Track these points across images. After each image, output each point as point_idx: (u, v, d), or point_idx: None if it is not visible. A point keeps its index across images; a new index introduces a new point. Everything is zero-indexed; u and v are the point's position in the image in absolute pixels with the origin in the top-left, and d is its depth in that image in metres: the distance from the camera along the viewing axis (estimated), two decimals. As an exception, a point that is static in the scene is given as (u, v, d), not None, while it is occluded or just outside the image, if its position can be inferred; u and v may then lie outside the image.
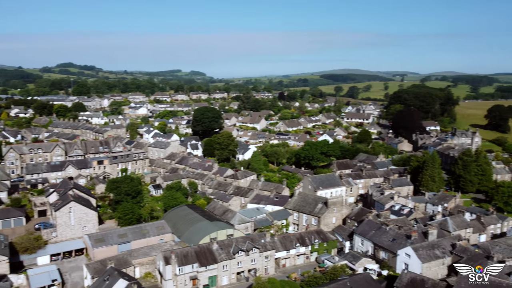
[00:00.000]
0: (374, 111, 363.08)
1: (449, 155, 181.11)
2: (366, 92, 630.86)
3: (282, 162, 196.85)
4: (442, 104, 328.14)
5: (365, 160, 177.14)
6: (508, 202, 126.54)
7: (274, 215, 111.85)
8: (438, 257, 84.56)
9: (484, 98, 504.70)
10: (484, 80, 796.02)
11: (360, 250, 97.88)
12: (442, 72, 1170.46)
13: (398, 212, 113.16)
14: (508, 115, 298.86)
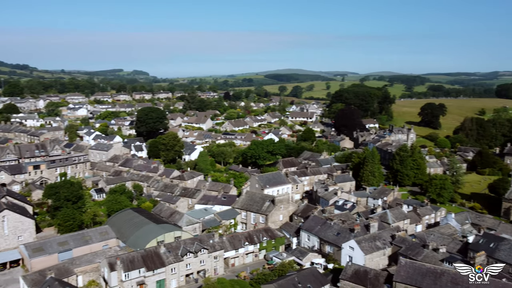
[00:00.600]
0: (317, 110, 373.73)
1: (387, 151, 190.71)
2: (309, 91, 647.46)
3: (229, 161, 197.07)
4: (380, 103, 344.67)
5: (310, 158, 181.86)
6: (441, 194, 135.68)
7: (222, 215, 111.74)
8: (379, 248, 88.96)
9: (418, 97, 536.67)
10: (417, 79, 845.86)
11: (307, 245, 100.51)
12: (379, 72, 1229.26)
13: (342, 207, 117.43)
14: (439, 113, 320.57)
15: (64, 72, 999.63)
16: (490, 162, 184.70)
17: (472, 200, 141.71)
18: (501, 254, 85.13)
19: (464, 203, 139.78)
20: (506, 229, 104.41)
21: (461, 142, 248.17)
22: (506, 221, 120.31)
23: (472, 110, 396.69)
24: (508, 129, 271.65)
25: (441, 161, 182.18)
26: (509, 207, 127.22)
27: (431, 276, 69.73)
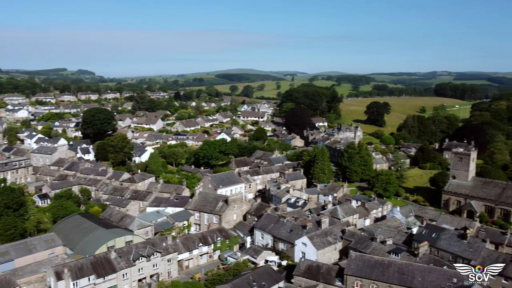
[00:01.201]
0: (268, 110, 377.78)
1: (336, 148, 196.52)
2: (260, 91, 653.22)
3: (181, 162, 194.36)
4: (329, 102, 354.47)
5: (262, 157, 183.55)
6: (387, 188, 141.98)
7: (175, 217, 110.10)
8: (330, 243, 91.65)
9: (364, 96, 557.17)
10: (363, 79, 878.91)
11: (261, 243, 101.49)
12: (327, 72, 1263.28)
13: (294, 204, 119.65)
14: (383, 111, 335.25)
15: (1, 71, 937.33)
16: (431, 157, 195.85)
17: (415, 194, 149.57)
18: (442, 243, 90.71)
19: (408, 196, 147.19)
20: (446, 219, 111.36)
21: (404, 138, 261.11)
22: (446, 212, 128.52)
23: (414, 108, 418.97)
24: (446, 126, 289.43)
25: (386, 157, 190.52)
26: (448, 199, 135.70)
27: (379, 267, 72.95)
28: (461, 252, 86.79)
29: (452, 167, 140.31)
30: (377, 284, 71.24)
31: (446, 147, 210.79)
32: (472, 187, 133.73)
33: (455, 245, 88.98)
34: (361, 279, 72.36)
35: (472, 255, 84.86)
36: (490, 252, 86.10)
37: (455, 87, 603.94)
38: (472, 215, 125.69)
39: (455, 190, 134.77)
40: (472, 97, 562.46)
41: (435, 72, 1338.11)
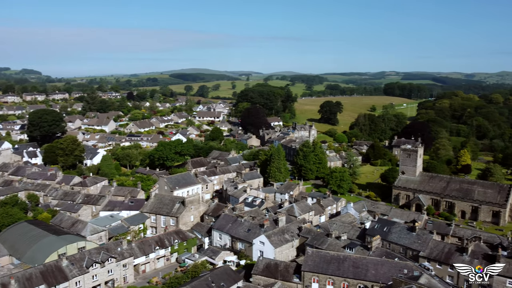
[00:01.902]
0: (224, 109, 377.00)
1: (291, 147, 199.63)
2: (216, 91, 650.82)
3: (136, 164, 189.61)
4: (283, 101, 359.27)
5: (218, 157, 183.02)
6: (341, 185, 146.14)
7: (130, 220, 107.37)
8: (288, 240, 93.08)
9: (317, 95, 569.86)
10: (317, 79, 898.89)
11: (219, 244, 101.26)
12: (282, 72, 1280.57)
13: (251, 203, 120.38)
14: (336, 110, 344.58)
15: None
16: (381, 154, 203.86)
17: (368, 189, 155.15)
18: (393, 236, 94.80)
19: (361, 192, 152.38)
20: (396, 213, 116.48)
21: (356, 136, 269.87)
22: (396, 206, 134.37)
23: (365, 107, 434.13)
24: (395, 124, 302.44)
25: (340, 155, 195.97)
26: (398, 193, 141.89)
27: (335, 262, 75.08)
28: (411, 244, 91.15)
29: (401, 163, 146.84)
30: (333, 279, 73.25)
31: (395, 144, 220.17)
32: (419, 182, 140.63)
33: (405, 237, 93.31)
34: (318, 274, 74.11)
35: (420, 246, 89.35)
36: (437, 242, 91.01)
37: (402, 87, 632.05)
38: (420, 208, 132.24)
39: (404, 185, 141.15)
40: (418, 96, 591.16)
41: (384, 72, 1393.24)
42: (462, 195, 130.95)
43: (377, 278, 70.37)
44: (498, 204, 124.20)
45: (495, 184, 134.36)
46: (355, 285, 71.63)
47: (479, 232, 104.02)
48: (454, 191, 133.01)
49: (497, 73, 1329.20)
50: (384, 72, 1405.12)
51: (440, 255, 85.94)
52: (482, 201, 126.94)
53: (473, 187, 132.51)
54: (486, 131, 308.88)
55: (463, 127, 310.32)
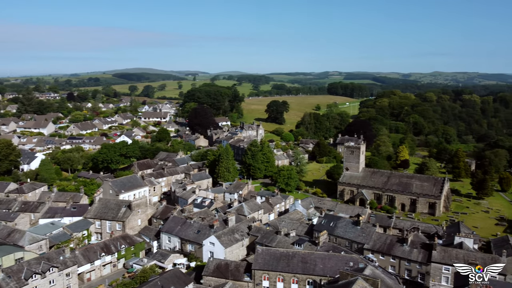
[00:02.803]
0: (171, 110, 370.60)
1: (240, 147, 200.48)
2: (162, 91, 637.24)
3: (78, 168, 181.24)
4: (231, 101, 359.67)
5: (166, 158, 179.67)
6: (288, 183, 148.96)
7: (72, 227, 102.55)
8: (238, 240, 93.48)
9: (264, 95, 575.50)
10: (263, 79, 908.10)
11: (168, 247, 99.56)
12: (228, 71, 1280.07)
13: (201, 204, 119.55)
14: (282, 109, 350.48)
15: None
16: (326, 151, 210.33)
17: (314, 186, 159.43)
18: (339, 231, 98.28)
19: (308, 189, 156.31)
20: (341, 208, 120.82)
21: (302, 135, 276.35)
22: (342, 202, 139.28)
23: (310, 106, 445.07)
24: (339, 122, 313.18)
25: (287, 153, 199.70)
26: (343, 189, 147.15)
27: (285, 259, 76.50)
28: (356, 237, 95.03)
29: (345, 160, 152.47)
30: (283, 275, 74.60)
31: (339, 141, 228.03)
32: (362, 177, 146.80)
33: (350, 231, 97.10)
34: (268, 272, 75.15)
35: (365, 239, 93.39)
36: (380, 235, 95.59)
37: (345, 86, 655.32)
38: (363, 202, 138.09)
39: (349, 181, 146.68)
40: (360, 95, 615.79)
41: (328, 72, 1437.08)
42: (402, 188, 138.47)
43: (325, 272, 72.62)
44: (434, 196, 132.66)
45: (431, 178, 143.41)
46: (304, 280, 73.47)
47: (418, 223, 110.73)
48: (394, 185, 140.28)
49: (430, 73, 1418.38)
50: (328, 72, 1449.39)
51: (382, 247, 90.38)
52: (420, 194, 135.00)
53: (411, 181, 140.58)
54: (422, 127, 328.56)
55: (401, 124, 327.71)
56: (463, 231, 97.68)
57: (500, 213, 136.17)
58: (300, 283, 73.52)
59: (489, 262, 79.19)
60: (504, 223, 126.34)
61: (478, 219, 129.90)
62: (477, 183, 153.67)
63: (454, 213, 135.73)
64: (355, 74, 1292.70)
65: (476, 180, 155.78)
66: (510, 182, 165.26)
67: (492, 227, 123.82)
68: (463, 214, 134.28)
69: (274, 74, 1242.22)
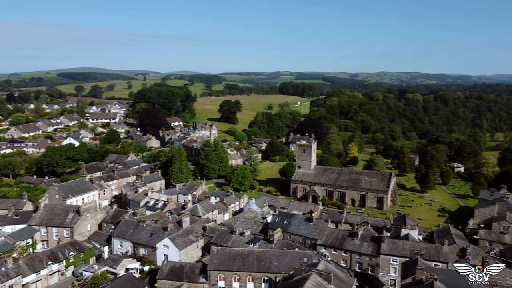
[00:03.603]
0: (120, 110, 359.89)
1: (193, 147, 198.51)
2: (110, 91, 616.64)
3: (20, 173, 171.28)
4: (183, 101, 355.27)
5: (116, 161, 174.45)
6: (242, 182, 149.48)
7: (15, 235, 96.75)
8: (192, 241, 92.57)
9: (216, 95, 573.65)
10: (215, 79, 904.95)
11: (120, 252, 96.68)
12: (180, 71, 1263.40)
13: (153, 207, 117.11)
14: (235, 109, 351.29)
15: None
16: (279, 150, 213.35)
17: (268, 185, 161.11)
18: (292, 228, 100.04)
19: (262, 188, 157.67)
20: (295, 206, 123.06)
21: (256, 134, 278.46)
22: (295, 199, 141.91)
23: (262, 106, 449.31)
24: (291, 121, 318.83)
25: (241, 152, 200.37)
26: (296, 187, 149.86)
27: (240, 258, 76.71)
28: (309, 233, 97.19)
29: (297, 158, 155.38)
30: (238, 275, 74.78)
31: (291, 140, 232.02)
32: (314, 175, 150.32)
33: (304, 228, 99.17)
34: (224, 272, 75.03)
35: (317, 235, 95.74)
36: (332, 230, 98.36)
37: (296, 86, 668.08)
38: (316, 199, 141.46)
39: (301, 179, 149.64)
40: (311, 94, 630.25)
41: (279, 72, 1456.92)
42: (352, 184, 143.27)
43: (280, 269, 73.65)
44: (381, 191, 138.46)
45: (379, 173, 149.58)
46: (260, 278, 74.11)
47: (367, 217, 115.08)
48: (344, 182, 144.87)
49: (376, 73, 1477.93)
50: (279, 72, 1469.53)
51: (335, 242, 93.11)
52: (368, 189, 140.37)
53: (360, 176, 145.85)
54: (369, 125, 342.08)
55: (350, 122, 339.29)
56: (409, 223, 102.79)
57: (442, 205, 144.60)
58: (255, 281, 74.08)
59: (432, 251, 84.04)
60: (446, 214, 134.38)
61: (422, 211, 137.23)
62: (421, 177, 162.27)
63: (400, 206, 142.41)
64: (306, 74, 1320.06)
65: (420, 175, 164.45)
66: (450, 175, 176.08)
67: (434, 218, 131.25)
68: (408, 207, 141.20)
69: (226, 74, 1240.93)
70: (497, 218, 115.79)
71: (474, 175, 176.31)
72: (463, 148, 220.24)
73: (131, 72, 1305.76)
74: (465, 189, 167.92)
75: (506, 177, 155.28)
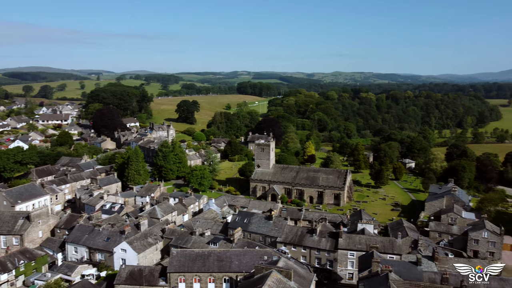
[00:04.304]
0: (73, 111, 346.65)
1: (150, 148, 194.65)
2: (62, 91, 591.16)
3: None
4: (139, 101, 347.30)
5: (69, 164, 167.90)
6: (201, 183, 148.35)
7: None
8: (151, 244, 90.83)
9: (174, 95, 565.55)
10: (172, 78, 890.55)
11: (75, 258, 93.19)
12: (135, 71, 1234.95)
13: (110, 210, 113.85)
14: (193, 109, 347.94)
15: None
16: (238, 149, 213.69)
17: (228, 185, 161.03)
18: (252, 227, 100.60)
19: (221, 188, 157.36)
20: (254, 205, 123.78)
21: (214, 134, 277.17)
22: (254, 198, 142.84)
23: (221, 105, 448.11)
24: (249, 120, 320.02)
25: (199, 153, 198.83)
26: (255, 186, 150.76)
27: (200, 259, 76.19)
28: (269, 231, 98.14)
29: (256, 157, 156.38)
30: (199, 276, 74.25)
31: (250, 139, 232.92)
32: (273, 173, 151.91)
33: (264, 226, 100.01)
34: (184, 273, 74.21)
35: (277, 233, 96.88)
36: (291, 227, 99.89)
37: (254, 85, 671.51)
38: (275, 198, 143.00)
39: (260, 178, 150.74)
40: (268, 94, 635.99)
41: (237, 72, 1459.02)
42: (310, 182, 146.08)
43: (241, 268, 73.87)
44: (338, 188, 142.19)
45: (335, 170, 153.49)
46: (221, 278, 73.97)
47: (325, 214, 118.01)
48: (302, 179, 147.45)
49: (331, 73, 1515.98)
50: (237, 71, 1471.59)
51: (294, 239, 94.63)
52: (326, 186, 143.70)
53: (318, 174, 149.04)
54: (326, 124, 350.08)
55: (307, 121, 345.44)
56: (365, 218, 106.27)
57: (395, 200, 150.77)
58: (216, 281, 73.86)
59: (387, 244, 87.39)
60: (399, 208, 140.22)
61: (377, 206, 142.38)
62: (375, 174, 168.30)
63: (356, 202, 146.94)
64: (263, 74, 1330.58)
65: (374, 171, 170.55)
66: (402, 171, 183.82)
67: (388, 212, 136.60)
68: (364, 202, 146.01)
69: (184, 73, 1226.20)
70: (446, 210, 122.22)
71: (424, 170, 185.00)
72: (414, 144, 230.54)
73: (84, 71, 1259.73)
74: (416, 184, 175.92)
75: (453, 171, 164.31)
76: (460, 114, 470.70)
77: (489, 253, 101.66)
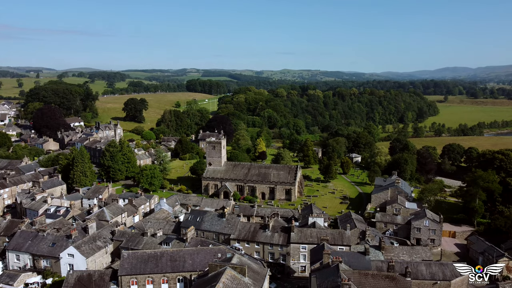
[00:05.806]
0: (10, 111, 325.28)
1: (96, 148, 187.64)
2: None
3: None
4: (83, 100, 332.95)
5: (7, 166, 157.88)
6: (152, 183, 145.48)
7: None
8: (100, 247, 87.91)
9: (120, 93, 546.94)
10: (118, 76, 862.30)
11: (17, 266, 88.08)
12: (78, 68, 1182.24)
13: (55, 214, 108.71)
14: (141, 107, 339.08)
15: None
16: (189, 148, 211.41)
17: (179, 183, 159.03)
18: (205, 225, 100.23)
19: (173, 187, 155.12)
20: (207, 203, 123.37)
21: (164, 133, 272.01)
22: (207, 196, 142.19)
23: (170, 103, 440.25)
24: (199, 118, 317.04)
25: (149, 152, 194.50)
26: (207, 184, 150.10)
27: (153, 260, 74.80)
28: (222, 229, 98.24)
29: (208, 155, 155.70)
30: (152, 277, 72.89)
31: (201, 137, 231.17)
32: (225, 171, 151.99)
33: (217, 224, 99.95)
34: (136, 276, 72.53)
35: (230, 230, 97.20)
36: (244, 224, 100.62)
37: (203, 83, 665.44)
38: (227, 195, 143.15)
39: (212, 176, 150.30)
40: (218, 91, 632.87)
41: (185, 69, 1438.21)
42: (261, 178, 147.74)
43: (195, 267, 73.43)
44: (289, 183, 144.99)
45: (286, 166, 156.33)
46: (175, 278, 73.10)
47: (277, 209, 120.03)
48: (254, 176, 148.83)
49: (280, 70, 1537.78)
50: (186, 69, 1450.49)
51: (247, 235, 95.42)
52: (277, 182, 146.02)
53: (269, 170, 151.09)
54: (276, 121, 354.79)
55: (257, 118, 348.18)
56: (315, 212, 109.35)
57: (343, 193, 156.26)
58: (170, 282, 72.91)
59: (337, 236, 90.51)
60: (347, 201, 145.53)
61: (327, 200, 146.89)
62: (324, 168, 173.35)
63: (307, 196, 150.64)
64: (212, 71, 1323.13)
65: (323, 166, 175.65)
66: (349, 165, 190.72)
67: (337, 205, 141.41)
68: (314, 197, 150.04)
69: (130, 71, 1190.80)
70: (390, 201, 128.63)
71: (370, 164, 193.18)
72: (360, 139, 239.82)
73: (21, 68, 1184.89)
74: (363, 177, 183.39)
75: (396, 164, 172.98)
76: (402, 110, 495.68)
77: (430, 240, 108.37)
